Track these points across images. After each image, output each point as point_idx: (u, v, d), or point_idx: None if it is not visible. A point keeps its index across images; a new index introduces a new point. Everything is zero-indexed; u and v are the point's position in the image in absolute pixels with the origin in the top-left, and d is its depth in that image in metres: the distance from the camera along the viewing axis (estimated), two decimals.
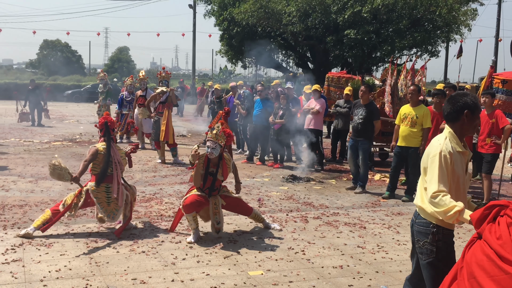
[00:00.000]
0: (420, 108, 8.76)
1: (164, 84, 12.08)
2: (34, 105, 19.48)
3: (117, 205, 6.29)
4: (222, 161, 6.28)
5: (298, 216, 7.51)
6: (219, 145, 6.16)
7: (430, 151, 3.53)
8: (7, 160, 11.42)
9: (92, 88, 34.83)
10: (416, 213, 3.65)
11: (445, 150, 3.42)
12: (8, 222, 6.63)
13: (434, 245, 3.48)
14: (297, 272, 5.30)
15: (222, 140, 6.19)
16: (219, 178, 6.27)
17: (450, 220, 3.31)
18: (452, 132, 3.54)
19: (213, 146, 6.13)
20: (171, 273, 5.14)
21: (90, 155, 6.25)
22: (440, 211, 3.32)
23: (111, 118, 6.61)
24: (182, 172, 10.74)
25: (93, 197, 6.19)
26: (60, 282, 4.80)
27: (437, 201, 3.34)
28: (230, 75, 57.53)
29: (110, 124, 6.45)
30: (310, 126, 11.69)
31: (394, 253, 6.03)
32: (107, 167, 6.30)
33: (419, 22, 23.06)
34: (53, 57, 62.60)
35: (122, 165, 6.50)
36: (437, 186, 3.36)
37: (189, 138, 17.18)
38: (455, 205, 3.27)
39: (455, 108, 3.52)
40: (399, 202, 8.78)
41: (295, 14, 22.63)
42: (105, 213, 6.24)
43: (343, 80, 13.88)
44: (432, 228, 3.48)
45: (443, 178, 3.39)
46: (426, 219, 3.52)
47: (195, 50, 41.96)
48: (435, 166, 3.41)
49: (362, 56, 23.18)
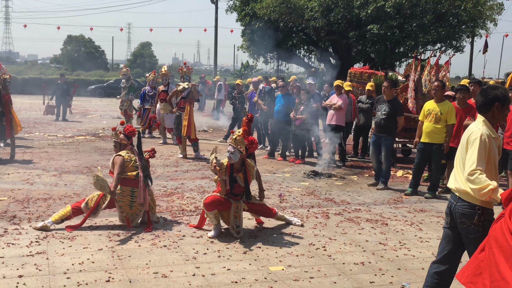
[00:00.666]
0: (444, 104, 8.64)
1: (186, 80, 12.12)
2: (60, 99, 19.74)
3: (139, 209, 6.37)
4: (245, 167, 6.22)
5: (319, 212, 7.48)
6: (238, 150, 6.07)
7: (469, 135, 3.84)
8: (31, 154, 11.59)
9: (114, 83, 35.14)
10: (456, 197, 3.94)
11: (484, 134, 3.75)
12: (33, 215, 6.72)
13: (480, 224, 3.80)
14: (318, 268, 5.28)
15: (241, 146, 6.08)
16: (240, 184, 6.20)
17: (483, 197, 3.64)
18: (485, 120, 3.87)
19: (232, 151, 6.07)
20: (192, 267, 5.16)
21: (119, 167, 6.29)
22: (475, 188, 3.65)
23: (131, 127, 6.69)
24: (203, 167, 10.78)
25: (117, 200, 6.26)
26: (83, 275, 4.85)
27: (473, 179, 3.66)
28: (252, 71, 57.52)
29: (131, 133, 6.60)
30: (332, 122, 11.63)
31: (416, 250, 5.96)
32: (147, 169, 6.56)
33: (443, 16, 22.75)
34: (76, 53, 63.30)
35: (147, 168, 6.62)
36: (475, 165, 3.68)
37: (210, 133, 17.23)
38: (490, 183, 3.58)
39: (487, 100, 3.85)
40: (422, 199, 8.68)
41: (317, 9, 22.51)
42: (125, 216, 6.32)
43: (366, 75, 13.74)
44: (477, 210, 3.79)
45: (481, 159, 3.70)
46: (471, 202, 3.81)
47: (217, 46, 42.05)
48: (475, 147, 3.72)
49: (385, 51, 22.97)
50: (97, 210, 6.30)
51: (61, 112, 19.73)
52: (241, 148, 6.08)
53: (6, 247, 5.50)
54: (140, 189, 6.33)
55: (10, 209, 7.00)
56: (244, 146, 6.11)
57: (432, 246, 6.13)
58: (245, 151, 6.15)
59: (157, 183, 8.90)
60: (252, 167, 6.30)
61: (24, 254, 5.31)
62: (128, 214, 6.33)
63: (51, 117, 19.78)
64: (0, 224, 6.28)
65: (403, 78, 12.94)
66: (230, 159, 6.09)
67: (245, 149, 6.14)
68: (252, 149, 6.29)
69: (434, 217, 7.51)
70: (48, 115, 19.75)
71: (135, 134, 6.64)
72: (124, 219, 6.35)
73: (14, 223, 6.37)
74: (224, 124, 19.48)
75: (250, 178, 6.28)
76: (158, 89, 14.30)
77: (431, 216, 7.56)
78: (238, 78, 37.81)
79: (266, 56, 28.65)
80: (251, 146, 6.23)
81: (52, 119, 19.43)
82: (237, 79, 24.23)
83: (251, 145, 6.23)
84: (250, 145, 6.22)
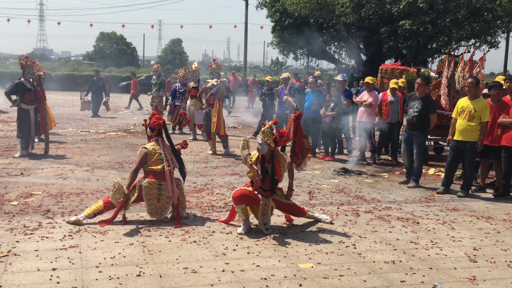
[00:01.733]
0: (478, 101, 8.47)
1: (215, 76, 12.16)
2: (95, 95, 20.06)
3: (167, 202, 6.41)
4: (274, 159, 6.18)
5: (349, 210, 7.42)
6: (265, 143, 6.04)
7: None
8: (65, 150, 11.81)
9: (145, 80, 35.52)
10: None
11: None
12: (66, 210, 6.85)
13: None
14: (348, 266, 5.24)
15: (268, 139, 6.03)
16: (271, 176, 6.13)
17: None
18: None
19: (260, 142, 6.06)
20: (222, 263, 5.18)
21: (139, 160, 6.40)
22: None
23: (159, 118, 6.66)
24: (233, 164, 10.81)
25: (145, 193, 6.33)
26: (114, 269, 4.92)
27: None
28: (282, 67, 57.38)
29: (158, 125, 6.58)
30: (362, 119, 11.54)
31: (448, 249, 5.87)
32: (182, 162, 6.64)
33: (478, 12, 22.29)
34: (108, 49, 64.19)
35: (175, 162, 6.61)
36: None
37: (240, 130, 17.27)
38: None
39: None
40: (455, 197, 8.54)
41: (348, 4, 22.31)
42: (153, 210, 6.39)
43: (397, 72, 13.56)
44: None
45: None
46: None
47: (247, 42, 42.07)
48: None
49: (417, 47, 22.63)
50: (127, 203, 6.38)
51: (94, 107, 20.04)
52: (268, 141, 6.04)
53: (41, 240, 5.62)
54: (167, 182, 6.38)
55: (44, 203, 7.14)
56: (271, 139, 6.05)
57: (464, 245, 6.02)
58: (273, 143, 6.09)
59: (187, 179, 8.95)
60: (283, 159, 6.22)
61: (58, 248, 5.41)
62: (156, 207, 6.39)
63: (84, 113, 20.14)
64: (35, 218, 6.42)
65: (436, 75, 12.73)
66: (258, 151, 6.10)
67: (273, 141, 6.07)
68: (282, 142, 6.13)
69: (467, 216, 7.38)
70: (84, 110, 20.10)
71: (161, 126, 6.60)
72: (152, 213, 6.42)
73: (48, 217, 6.50)
74: (253, 120, 19.51)
75: (280, 170, 6.18)
76: (189, 86, 14.39)
77: (464, 215, 7.43)
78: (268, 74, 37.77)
79: (296, 53, 28.55)
80: (281, 139, 6.11)
81: (87, 115, 19.76)
82: (267, 75, 24.19)
83: (281, 138, 6.10)
84: (280, 138, 6.10)
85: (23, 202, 7.14)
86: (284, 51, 28.13)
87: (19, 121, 10.86)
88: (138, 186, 6.39)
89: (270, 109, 14.89)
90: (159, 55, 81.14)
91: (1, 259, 5.04)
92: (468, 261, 5.51)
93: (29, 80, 10.93)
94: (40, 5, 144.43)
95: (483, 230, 6.68)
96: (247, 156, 6.26)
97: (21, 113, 10.83)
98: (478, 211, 7.68)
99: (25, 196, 7.49)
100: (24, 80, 10.92)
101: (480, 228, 6.77)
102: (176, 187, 6.52)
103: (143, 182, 6.38)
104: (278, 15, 25.73)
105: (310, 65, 43.21)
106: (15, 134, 12.10)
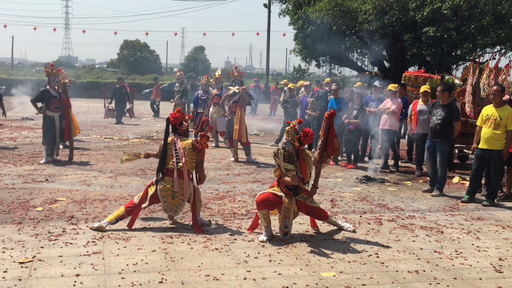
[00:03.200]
0: (504, 109, 8.34)
1: (237, 84, 12.20)
2: (118, 102, 20.28)
3: (181, 200, 6.43)
4: (299, 157, 6.19)
5: (372, 218, 7.36)
6: (290, 142, 6.12)
7: None
8: (89, 156, 11.96)
9: (168, 87, 35.74)
10: None
11: None
12: (89, 216, 6.93)
13: None
14: (370, 275, 5.19)
15: (292, 138, 6.11)
16: (298, 174, 6.14)
17: None
18: None
19: (285, 141, 6.15)
20: (244, 271, 5.18)
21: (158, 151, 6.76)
22: None
23: (177, 114, 6.62)
24: (255, 171, 10.81)
25: (159, 188, 6.38)
26: (137, 275, 4.95)
27: None
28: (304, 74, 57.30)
29: (174, 120, 6.55)
30: (385, 127, 11.45)
31: (473, 259, 5.77)
32: (164, 160, 6.49)
33: (503, 18, 21.96)
34: (132, 57, 64.87)
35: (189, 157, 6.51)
36: None
37: (262, 137, 17.28)
38: None
39: None
40: (479, 206, 8.41)
41: (371, 11, 22.18)
42: (167, 206, 6.43)
43: (421, 79, 13.42)
44: None
45: None
46: None
47: (269, 49, 42.15)
48: None
49: (442, 54, 22.37)
50: (147, 199, 6.46)
51: (118, 115, 20.24)
52: (292, 140, 6.09)
53: (65, 246, 5.68)
54: (175, 179, 6.40)
55: (68, 209, 7.23)
56: (295, 138, 6.10)
57: (490, 255, 5.92)
58: (297, 142, 6.12)
59: (209, 186, 9.00)
60: (309, 158, 6.26)
61: (81, 254, 5.47)
62: (171, 204, 6.43)
63: (108, 120, 20.35)
64: (59, 224, 6.50)
65: (461, 82, 12.57)
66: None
67: (297, 141, 6.11)
68: (307, 141, 6.16)
69: (493, 225, 7.25)
70: (108, 118, 20.32)
71: (171, 122, 6.54)
72: (166, 209, 6.47)
73: (72, 223, 6.57)
74: (275, 127, 19.51)
75: (305, 168, 6.18)
76: (212, 93, 14.45)
77: (489, 224, 7.31)
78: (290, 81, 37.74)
79: (319, 60, 28.47)
80: (305, 138, 6.14)
81: (111, 122, 19.99)
82: (290, 82, 24.19)
83: (305, 137, 6.13)
84: (304, 137, 6.13)
85: (48, 208, 7.24)
86: (306, 58, 28.07)
87: (44, 128, 11.04)
88: (155, 183, 6.49)
89: (292, 116, 14.89)
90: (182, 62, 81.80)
91: (26, 264, 5.12)
92: (494, 272, 5.41)
93: (55, 88, 11.11)
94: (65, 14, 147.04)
95: (509, 240, 6.56)
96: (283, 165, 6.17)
97: (47, 120, 11.01)
98: (504, 221, 7.55)
99: (50, 202, 7.60)
100: (49, 88, 11.11)
101: (506, 238, 6.65)
102: (194, 191, 6.53)
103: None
104: (301, 23, 25.70)
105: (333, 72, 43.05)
106: (40, 140, 12.29)
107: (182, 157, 6.43)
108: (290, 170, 6.01)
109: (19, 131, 16.40)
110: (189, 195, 6.45)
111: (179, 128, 6.58)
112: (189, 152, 6.48)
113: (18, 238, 5.91)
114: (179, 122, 6.58)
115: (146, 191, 6.54)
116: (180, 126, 6.58)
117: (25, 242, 5.76)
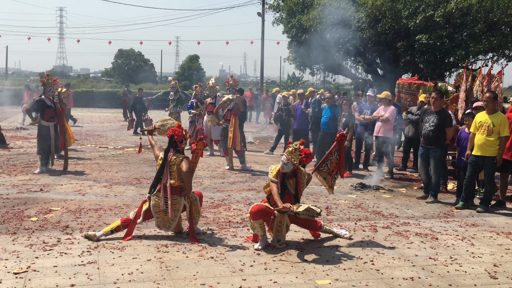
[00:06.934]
0: (497, 115, 8.40)
1: (232, 92, 12.24)
2: (139, 112, 20.17)
3: (174, 215, 6.42)
4: (296, 175, 6.32)
5: (366, 225, 7.37)
6: (291, 162, 6.19)
7: None
8: (83, 166, 11.93)
9: (163, 96, 35.79)
10: None
11: None
12: (84, 225, 6.91)
13: None
14: (366, 282, 5.20)
15: (295, 159, 6.19)
16: (290, 190, 6.28)
17: None
18: None
19: (286, 162, 6.21)
20: (239, 279, 5.18)
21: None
22: None
23: (179, 130, 6.61)
24: (250, 179, 10.82)
25: (152, 204, 6.37)
26: (132, 285, 4.94)
27: None
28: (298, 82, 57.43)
29: (177, 137, 6.56)
30: (379, 134, 11.50)
31: (468, 266, 5.79)
32: (160, 176, 6.47)
33: (495, 25, 22.12)
34: (127, 66, 64.86)
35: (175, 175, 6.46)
36: None
37: (257, 145, 17.29)
38: None
39: None
40: (474, 213, 8.44)
41: (364, 20, 22.31)
42: (161, 222, 6.43)
43: (414, 86, 13.50)
44: None
45: None
46: None
47: (263, 58, 42.20)
48: None
49: (434, 61, 22.48)
50: (141, 215, 6.46)
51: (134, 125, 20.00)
52: (294, 161, 6.18)
53: (59, 256, 5.67)
54: (161, 197, 6.36)
55: (63, 219, 7.22)
56: (297, 159, 6.21)
57: (485, 262, 5.94)
58: (298, 163, 6.24)
59: (204, 195, 8.99)
60: (303, 176, 6.42)
61: (76, 264, 5.45)
62: (164, 219, 6.42)
63: (102, 129, 20.30)
64: (54, 234, 6.48)
65: (454, 89, 12.65)
66: (282, 169, 6.22)
67: (298, 162, 6.24)
68: (307, 161, 6.36)
69: (487, 231, 7.28)
70: (130, 129, 20.08)
71: (177, 139, 6.52)
72: (160, 225, 6.46)
73: (67, 233, 6.56)
74: (270, 135, 19.53)
75: (301, 185, 6.38)
76: (206, 102, 14.47)
77: (483, 230, 7.34)
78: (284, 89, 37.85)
79: (313, 68, 28.58)
80: (306, 159, 6.31)
81: (106, 130, 19.92)
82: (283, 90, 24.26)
83: (306, 158, 6.30)
84: (305, 158, 6.30)
85: (42, 218, 7.22)
86: (301, 66, 28.17)
87: (39, 138, 11.02)
88: (148, 199, 6.48)
89: (287, 124, 14.93)
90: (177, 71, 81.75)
91: (21, 275, 5.10)
92: (489, 278, 5.43)
93: (50, 98, 11.11)
94: (60, 23, 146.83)
95: (503, 246, 6.59)
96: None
97: (42, 130, 11.00)
98: (498, 227, 7.58)
99: (44, 212, 7.58)
100: (44, 98, 11.10)
101: (500, 244, 6.67)
102: (192, 202, 6.52)
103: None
104: (295, 31, 25.80)
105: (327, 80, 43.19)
106: (35, 150, 12.26)
107: (167, 175, 6.40)
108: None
109: (14, 141, 16.34)
110: (173, 214, 6.40)
111: (179, 146, 6.60)
112: (177, 169, 6.42)
113: (12, 248, 5.89)
114: (181, 139, 6.61)
115: (141, 207, 6.53)
116: (181, 144, 6.61)
117: (19, 253, 5.74)
